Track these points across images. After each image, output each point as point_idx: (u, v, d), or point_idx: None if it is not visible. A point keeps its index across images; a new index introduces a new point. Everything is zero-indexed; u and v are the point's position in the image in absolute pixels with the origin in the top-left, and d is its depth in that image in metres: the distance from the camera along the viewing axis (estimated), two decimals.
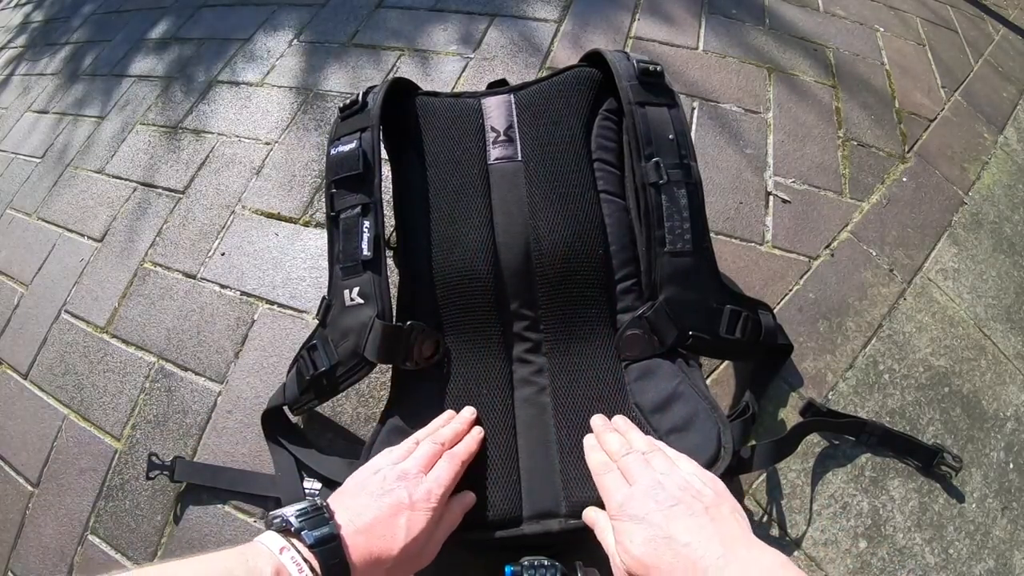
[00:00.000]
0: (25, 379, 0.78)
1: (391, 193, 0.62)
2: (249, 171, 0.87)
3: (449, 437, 0.48)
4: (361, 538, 0.38)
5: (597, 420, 0.50)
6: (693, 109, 0.85)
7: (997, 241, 0.81)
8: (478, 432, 0.50)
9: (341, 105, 0.60)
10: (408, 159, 0.61)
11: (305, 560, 0.35)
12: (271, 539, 0.36)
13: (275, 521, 0.38)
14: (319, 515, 0.38)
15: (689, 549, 0.35)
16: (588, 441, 0.48)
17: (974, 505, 0.60)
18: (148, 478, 0.61)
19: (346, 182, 0.54)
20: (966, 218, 0.82)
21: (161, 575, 0.32)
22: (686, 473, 0.41)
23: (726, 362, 0.64)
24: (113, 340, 0.76)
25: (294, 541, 0.36)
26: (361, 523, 0.39)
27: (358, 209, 0.53)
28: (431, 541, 0.42)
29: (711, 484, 0.40)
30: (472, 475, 0.49)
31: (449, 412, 0.52)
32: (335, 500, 0.42)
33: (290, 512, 0.38)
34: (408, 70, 0.94)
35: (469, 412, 0.52)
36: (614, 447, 0.45)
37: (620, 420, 0.50)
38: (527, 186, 0.58)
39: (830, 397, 0.64)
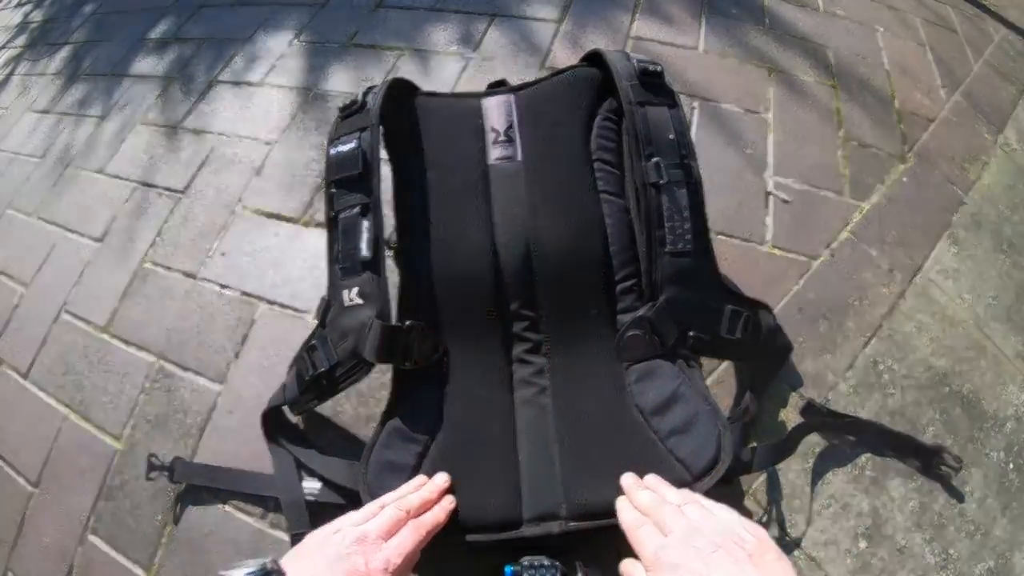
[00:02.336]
0: (25, 379, 0.78)
1: (391, 193, 0.62)
2: (249, 171, 0.87)
3: (416, 505, 0.45)
4: None
5: (627, 479, 0.47)
6: (693, 109, 0.85)
7: (997, 241, 0.81)
8: (449, 502, 0.47)
9: (341, 105, 0.60)
10: (408, 159, 0.61)
11: None
12: None
13: None
14: None
15: None
16: (620, 502, 0.45)
17: (974, 505, 0.60)
18: (148, 478, 0.61)
19: (346, 182, 0.54)
20: (966, 218, 0.82)
21: None
22: (725, 519, 0.39)
23: (726, 362, 0.64)
24: (113, 340, 0.76)
25: None
26: None
27: (357, 209, 0.53)
28: None
29: (752, 531, 0.38)
30: (472, 477, 0.49)
31: (422, 477, 0.49)
32: (290, 561, 0.40)
33: (240, 574, 0.36)
34: (408, 70, 0.94)
35: (442, 479, 0.49)
36: (646, 502, 0.43)
37: (651, 478, 0.47)
38: (527, 186, 0.58)
39: (830, 397, 0.64)
